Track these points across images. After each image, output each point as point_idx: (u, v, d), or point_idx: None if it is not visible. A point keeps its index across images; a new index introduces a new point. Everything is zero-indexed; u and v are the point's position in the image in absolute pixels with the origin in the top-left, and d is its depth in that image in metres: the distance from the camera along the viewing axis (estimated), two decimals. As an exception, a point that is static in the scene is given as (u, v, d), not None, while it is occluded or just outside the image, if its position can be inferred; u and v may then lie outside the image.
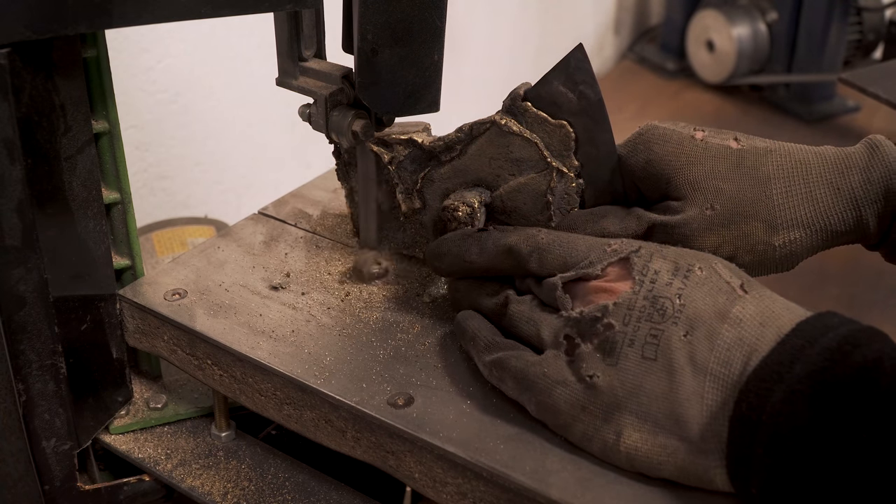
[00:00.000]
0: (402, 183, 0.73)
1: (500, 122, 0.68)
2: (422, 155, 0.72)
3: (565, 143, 0.67)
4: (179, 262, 0.77)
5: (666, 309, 0.54)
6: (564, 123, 0.66)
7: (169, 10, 0.60)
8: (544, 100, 0.67)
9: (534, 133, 0.67)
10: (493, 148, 0.69)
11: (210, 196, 1.69)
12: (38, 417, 0.67)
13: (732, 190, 0.63)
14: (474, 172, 0.70)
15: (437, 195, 0.72)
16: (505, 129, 0.68)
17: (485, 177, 0.70)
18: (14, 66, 0.58)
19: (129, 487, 0.74)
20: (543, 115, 0.67)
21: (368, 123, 0.70)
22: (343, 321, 0.70)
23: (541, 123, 0.67)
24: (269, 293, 0.73)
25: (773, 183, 0.63)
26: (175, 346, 0.71)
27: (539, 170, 0.68)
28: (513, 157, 0.68)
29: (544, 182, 0.68)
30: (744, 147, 0.65)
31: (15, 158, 0.60)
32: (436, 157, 0.72)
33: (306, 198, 0.88)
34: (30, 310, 0.64)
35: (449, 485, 0.59)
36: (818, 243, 0.64)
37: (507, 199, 0.69)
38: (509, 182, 0.69)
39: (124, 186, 0.71)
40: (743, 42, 2.76)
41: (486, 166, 0.70)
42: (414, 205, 0.73)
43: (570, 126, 0.66)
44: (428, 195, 0.73)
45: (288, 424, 0.67)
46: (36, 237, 0.63)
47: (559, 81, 0.66)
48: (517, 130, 0.67)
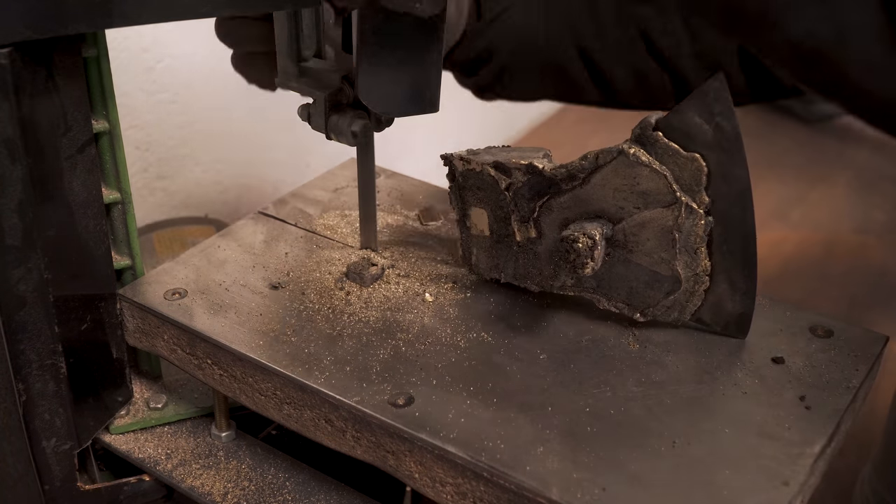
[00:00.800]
0: (519, 211, 0.69)
1: (628, 151, 0.63)
2: (541, 182, 0.68)
3: (696, 178, 0.63)
4: (179, 261, 0.77)
5: None
6: (697, 156, 0.62)
7: (169, 9, 0.60)
8: (677, 130, 0.62)
9: (664, 165, 0.63)
10: (618, 178, 0.65)
11: (210, 196, 1.69)
12: (38, 417, 0.67)
13: None
14: (597, 203, 0.66)
15: (555, 225, 0.68)
16: (633, 159, 0.63)
17: (608, 208, 0.66)
18: (14, 65, 0.58)
19: (129, 487, 0.74)
20: (675, 146, 0.63)
21: (368, 124, 0.70)
22: (343, 321, 0.70)
23: (672, 155, 0.63)
24: (269, 293, 0.73)
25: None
26: (175, 346, 0.71)
27: (666, 204, 0.64)
28: (639, 189, 0.64)
29: (671, 217, 0.64)
30: None
31: (15, 158, 0.60)
32: (556, 184, 0.67)
33: (306, 198, 0.88)
34: (30, 309, 0.64)
35: (449, 485, 0.59)
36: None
37: (629, 232, 0.66)
38: (634, 215, 0.65)
39: (124, 186, 0.71)
40: (743, 42, 2.76)
41: (609, 197, 0.65)
42: (529, 234, 0.69)
43: (703, 159, 0.62)
44: (545, 224, 0.69)
45: (288, 424, 0.67)
46: (36, 237, 0.63)
47: (694, 112, 0.62)
48: (646, 161, 0.63)
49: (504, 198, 0.70)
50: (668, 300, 0.68)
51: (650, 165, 0.63)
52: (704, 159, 0.62)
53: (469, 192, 0.72)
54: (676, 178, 0.63)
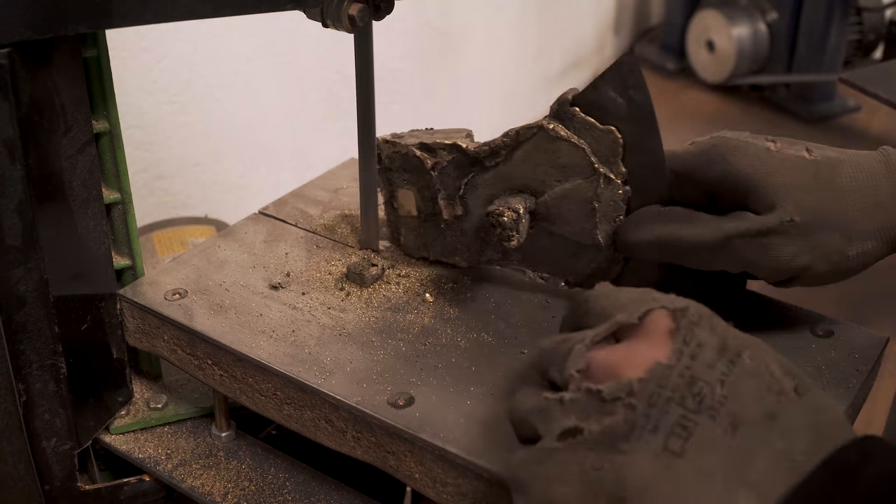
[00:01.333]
0: (445, 189, 0.71)
1: (547, 126, 0.66)
2: (465, 160, 0.70)
3: (613, 150, 0.65)
4: (179, 261, 0.77)
5: (704, 396, 0.45)
6: (613, 129, 0.65)
7: (169, 10, 0.60)
8: (593, 105, 0.65)
9: (581, 139, 0.66)
10: (539, 153, 0.67)
11: (210, 196, 1.69)
12: (38, 417, 0.67)
13: (811, 201, 0.62)
14: (519, 178, 0.69)
15: (480, 201, 0.71)
16: (552, 134, 0.66)
17: (530, 183, 0.68)
18: (14, 65, 0.58)
19: (129, 487, 0.74)
20: (591, 120, 0.65)
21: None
22: (343, 321, 0.70)
23: (588, 129, 0.65)
24: (269, 293, 0.73)
25: (848, 195, 0.63)
26: (175, 346, 0.71)
27: (585, 176, 0.66)
28: (559, 163, 0.67)
29: (591, 189, 0.66)
30: (817, 158, 0.64)
31: (15, 158, 0.60)
32: (480, 162, 0.70)
33: (306, 198, 0.88)
34: (30, 310, 0.64)
35: (449, 485, 0.59)
36: (886, 250, 0.65)
37: (552, 205, 0.68)
38: (555, 188, 0.67)
39: (124, 186, 0.71)
40: (743, 42, 2.76)
41: (531, 172, 0.68)
42: (456, 211, 0.71)
43: (619, 132, 0.65)
44: (470, 201, 0.71)
45: (288, 424, 0.67)
46: (36, 237, 0.63)
47: (609, 86, 0.64)
48: (565, 136, 0.66)
49: (430, 177, 0.72)
50: (590, 268, 0.70)
51: (569, 140, 0.66)
52: (620, 132, 0.65)
53: (395, 173, 0.74)
54: (594, 151, 0.66)
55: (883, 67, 1.80)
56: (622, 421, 0.45)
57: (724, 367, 0.46)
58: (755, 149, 0.64)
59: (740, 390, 0.45)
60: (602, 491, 0.45)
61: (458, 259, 0.75)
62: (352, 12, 0.67)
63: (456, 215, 0.72)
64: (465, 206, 0.71)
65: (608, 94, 0.64)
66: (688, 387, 0.45)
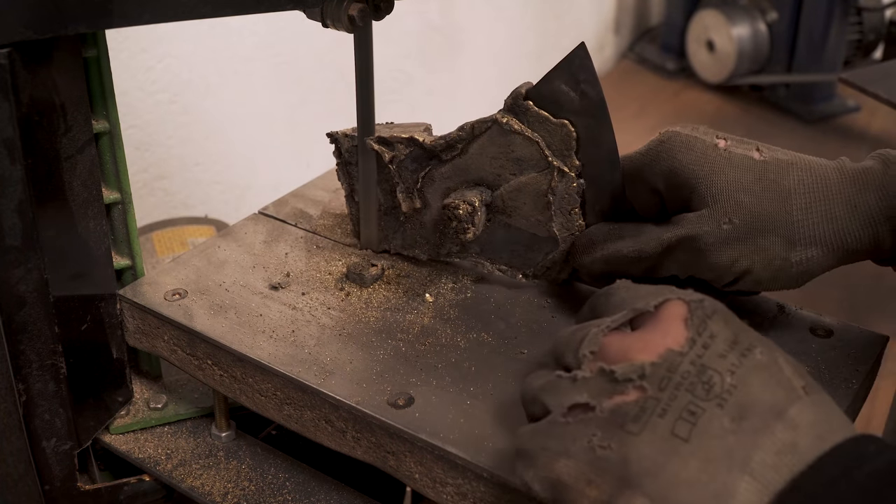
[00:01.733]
0: (403, 182, 0.73)
1: (501, 120, 0.67)
2: (423, 154, 0.72)
3: (567, 143, 0.67)
4: (179, 261, 0.77)
5: (713, 384, 0.46)
6: (566, 122, 0.66)
7: (169, 10, 0.60)
8: (546, 98, 0.66)
9: (535, 132, 0.67)
10: (494, 147, 0.69)
11: (210, 196, 1.69)
12: (38, 417, 0.67)
13: (752, 203, 0.62)
14: (475, 171, 0.70)
15: (438, 194, 0.72)
16: (506, 127, 0.67)
17: (486, 176, 0.70)
18: (14, 65, 0.58)
19: (129, 487, 0.74)
20: (545, 114, 0.66)
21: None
22: (343, 321, 0.70)
23: (542, 122, 0.67)
24: (269, 293, 0.73)
25: (793, 198, 0.61)
26: (175, 346, 0.71)
27: (540, 169, 0.68)
28: (514, 157, 0.68)
29: (545, 182, 0.68)
30: (766, 159, 0.63)
31: (15, 158, 0.60)
32: (437, 156, 0.71)
33: (306, 198, 0.88)
34: (30, 310, 0.64)
35: (449, 485, 0.59)
36: (833, 261, 0.63)
37: (508, 198, 0.69)
38: (510, 181, 0.69)
39: (124, 186, 0.71)
40: (743, 42, 2.76)
41: (487, 165, 0.69)
42: (414, 204, 0.73)
43: (572, 125, 0.66)
44: (429, 194, 0.72)
45: (288, 424, 0.67)
46: (36, 237, 0.63)
47: (561, 80, 0.65)
48: (518, 129, 0.67)
49: (388, 171, 0.73)
50: (546, 260, 0.72)
51: (522, 133, 0.67)
52: (573, 125, 0.66)
53: (355, 167, 0.75)
54: (548, 144, 0.67)
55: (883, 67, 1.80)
56: (633, 402, 0.46)
57: (735, 358, 0.47)
58: (702, 146, 0.64)
59: (750, 382, 0.46)
60: (607, 469, 0.45)
61: (418, 252, 0.76)
62: (352, 12, 0.67)
63: (414, 208, 0.73)
64: (423, 200, 0.73)
65: (560, 88, 0.65)
66: (698, 374, 0.46)
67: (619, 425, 0.46)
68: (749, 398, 0.46)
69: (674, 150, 0.64)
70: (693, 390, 0.46)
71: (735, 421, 0.45)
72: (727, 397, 0.46)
